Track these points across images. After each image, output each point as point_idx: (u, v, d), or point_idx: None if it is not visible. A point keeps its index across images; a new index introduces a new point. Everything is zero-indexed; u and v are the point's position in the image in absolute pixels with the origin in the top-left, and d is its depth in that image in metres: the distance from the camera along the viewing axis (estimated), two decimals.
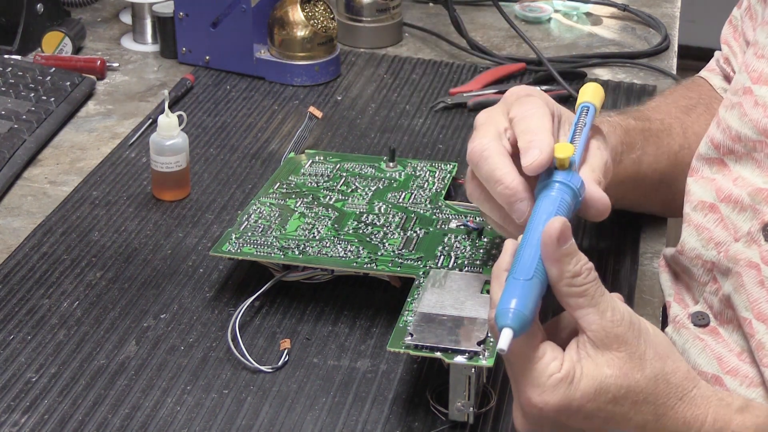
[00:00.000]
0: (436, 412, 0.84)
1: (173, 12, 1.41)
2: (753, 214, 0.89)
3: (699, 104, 1.07)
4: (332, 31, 1.38)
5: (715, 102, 1.07)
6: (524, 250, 0.74)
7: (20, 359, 0.90)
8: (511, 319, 0.70)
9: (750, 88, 0.91)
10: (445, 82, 1.39)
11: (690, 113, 1.06)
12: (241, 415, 0.84)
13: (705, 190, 0.95)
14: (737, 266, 0.88)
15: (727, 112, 0.94)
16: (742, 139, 0.91)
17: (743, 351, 0.87)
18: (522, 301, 0.70)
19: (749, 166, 0.91)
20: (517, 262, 0.73)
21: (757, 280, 0.86)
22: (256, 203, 1.02)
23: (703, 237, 0.93)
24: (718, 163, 0.94)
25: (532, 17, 1.58)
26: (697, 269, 0.94)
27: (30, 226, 1.08)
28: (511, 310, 0.70)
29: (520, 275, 0.72)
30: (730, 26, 1.08)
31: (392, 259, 0.94)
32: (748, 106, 0.91)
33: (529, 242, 0.74)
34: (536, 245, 0.73)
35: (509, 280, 0.72)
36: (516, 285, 0.71)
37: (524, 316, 0.70)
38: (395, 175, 1.08)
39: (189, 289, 0.98)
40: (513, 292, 0.71)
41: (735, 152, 0.92)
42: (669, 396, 0.73)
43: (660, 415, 0.72)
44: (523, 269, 0.72)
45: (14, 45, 1.42)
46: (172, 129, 1.10)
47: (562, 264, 0.71)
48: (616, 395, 0.71)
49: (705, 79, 1.11)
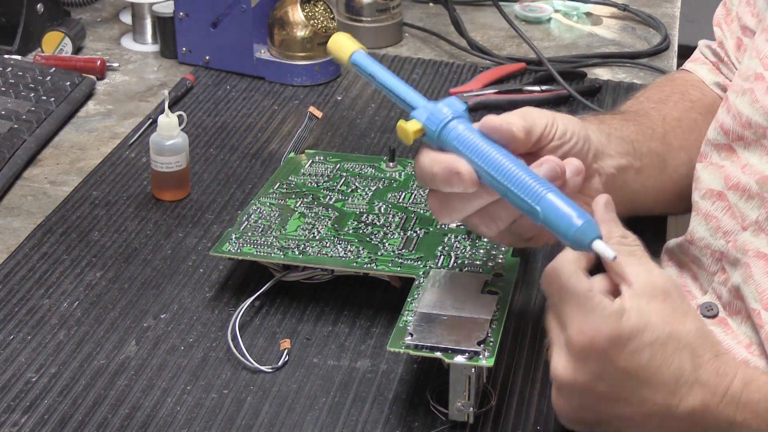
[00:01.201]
0: (436, 412, 0.84)
1: (173, 12, 1.41)
2: (761, 202, 0.89)
3: (673, 94, 1.07)
4: (332, 31, 1.38)
5: (692, 89, 1.07)
6: (525, 176, 0.76)
7: (20, 359, 0.90)
8: (597, 230, 0.74)
9: (762, 74, 0.91)
10: (445, 82, 1.39)
11: (666, 102, 1.05)
12: (241, 415, 0.84)
13: (714, 177, 0.94)
14: (746, 257, 0.88)
15: (737, 98, 0.93)
16: (752, 125, 0.91)
17: (752, 343, 0.87)
18: (582, 211, 0.74)
19: (758, 152, 0.91)
20: (538, 181, 0.76)
21: (765, 270, 0.86)
22: (256, 203, 1.02)
23: (711, 226, 0.93)
24: (726, 149, 0.94)
25: (532, 17, 1.58)
26: (706, 258, 0.94)
27: (30, 226, 1.08)
28: (593, 222, 0.73)
29: (553, 190, 0.76)
30: (724, 8, 1.08)
31: (392, 259, 0.94)
32: (760, 93, 0.90)
33: (519, 168, 0.77)
34: (524, 167, 0.77)
35: (557, 195, 0.75)
36: (564, 198, 0.75)
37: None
38: (395, 175, 1.08)
39: (189, 289, 0.98)
40: (571, 204, 0.74)
41: (744, 138, 0.92)
42: (706, 350, 0.75)
43: (697, 366, 0.75)
44: (548, 186, 0.76)
45: (14, 45, 1.42)
46: (172, 129, 1.10)
47: (611, 225, 0.78)
48: (660, 337, 0.74)
49: (689, 71, 1.11)
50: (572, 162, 0.84)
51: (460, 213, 0.82)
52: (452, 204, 0.82)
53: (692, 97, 1.06)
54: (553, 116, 0.86)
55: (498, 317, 0.84)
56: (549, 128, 0.85)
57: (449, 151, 0.80)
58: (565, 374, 0.76)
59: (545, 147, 0.85)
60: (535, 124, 0.84)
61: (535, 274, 1.00)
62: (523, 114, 0.84)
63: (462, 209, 0.82)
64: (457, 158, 0.80)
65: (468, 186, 0.79)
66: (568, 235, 0.74)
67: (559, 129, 0.86)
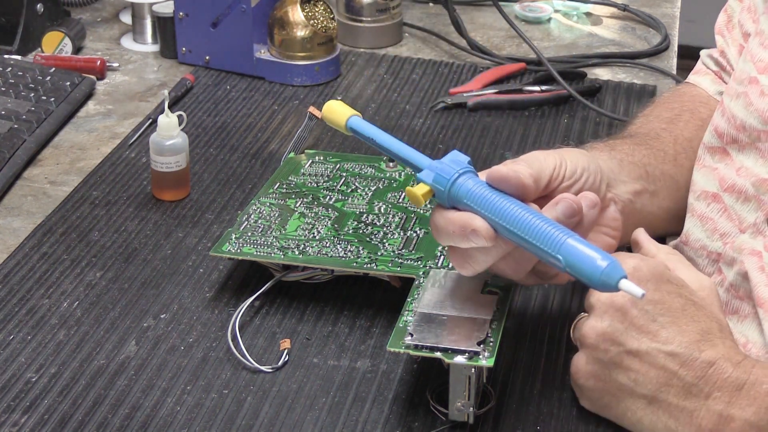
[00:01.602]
0: (436, 412, 0.84)
1: (173, 12, 1.41)
2: (757, 205, 0.90)
3: (683, 112, 1.06)
4: (332, 31, 1.38)
5: (701, 106, 1.07)
6: (541, 224, 0.77)
7: (20, 359, 0.90)
8: (622, 270, 0.75)
9: (756, 77, 0.91)
10: (445, 82, 1.39)
11: (676, 122, 1.05)
12: (241, 415, 0.84)
13: (707, 179, 0.95)
14: (741, 255, 0.88)
15: (732, 101, 0.94)
16: (746, 128, 0.91)
17: (748, 342, 0.87)
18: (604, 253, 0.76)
19: (752, 155, 0.91)
20: (555, 228, 0.77)
21: (758, 266, 0.86)
22: (256, 203, 1.02)
23: (707, 228, 0.94)
24: (720, 152, 0.94)
25: (532, 17, 1.58)
26: (701, 260, 0.94)
27: (30, 226, 1.08)
28: (617, 262, 0.74)
29: (571, 235, 0.77)
30: (725, 15, 1.08)
31: (392, 259, 0.94)
32: (754, 96, 0.91)
33: (534, 217, 0.78)
34: (538, 215, 0.78)
35: (576, 240, 0.76)
36: (584, 241, 0.76)
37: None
38: (395, 175, 1.08)
39: (189, 289, 0.98)
40: (592, 247, 0.76)
41: (738, 141, 0.92)
42: (729, 332, 0.82)
43: (724, 335, 0.80)
44: (565, 230, 0.77)
45: (14, 45, 1.42)
46: (172, 129, 1.10)
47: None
48: (694, 299, 0.81)
49: (694, 84, 1.10)
50: (587, 196, 0.84)
51: (482, 264, 0.83)
52: (474, 258, 0.83)
53: (702, 116, 1.05)
54: (560, 157, 0.86)
55: (498, 317, 0.84)
56: (558, 170, 0.85)
57: (462, 208, 0.80)
58: (604, 295, 0.80)
59: (557, 189, 0.85)
60: (542, 169, 0.84)
61: None
62: (529, 161, 0.84)
63: (484, 261, 0.83)
64: (471, 215, 0.80)
65: (487, 240, 0.80)
66: (594, 279, 0.74)
67: (569, 169, 0.86)
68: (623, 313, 0.79)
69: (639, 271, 0.80)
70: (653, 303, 0.79)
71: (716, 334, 0.79)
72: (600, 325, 0.80)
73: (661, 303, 0.79)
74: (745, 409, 0.76)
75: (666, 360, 0.78)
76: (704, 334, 0.79)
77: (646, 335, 0.79)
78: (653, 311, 0.79)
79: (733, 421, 0.76)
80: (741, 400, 0.76)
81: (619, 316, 0.80)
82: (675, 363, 0.78)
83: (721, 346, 0.78)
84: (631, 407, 0.80)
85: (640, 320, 0.79)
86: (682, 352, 0.78)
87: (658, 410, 0.79)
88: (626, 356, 0.79)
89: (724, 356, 0.78)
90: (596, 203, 0.84)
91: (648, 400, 0.79)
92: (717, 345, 0.78)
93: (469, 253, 0.82)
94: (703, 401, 0.77)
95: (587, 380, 0.82)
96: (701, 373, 0.77)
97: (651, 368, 0.79)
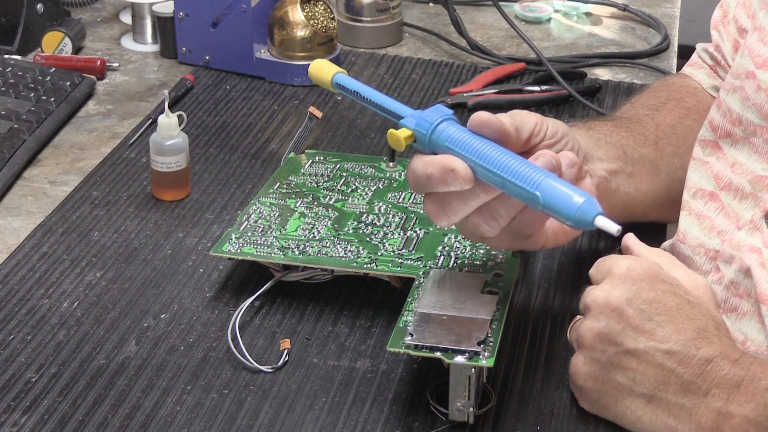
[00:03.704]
0: (436, 412, 0.84)
1: (173, 12, 1.41)
2: (754, 202, 0.90)
3: (669, 100, 1.07)
4: (332, 31, 1.38)
5: (688, 96, 1.07)
6: (520, 164, 0.78)
7: (20, 359, 0.90)
8: (598, 207, 0.75)
9: (753, 72, 0.92)
10: (445, 82, 1.39)
11: (660, 110, 1.06)
12: (241, 415, 0.84)
13: (700, 174, 0.95)
14: (740, 252, 0.88)
15: (728, 95, 0.94)
16: (743, 122, 0.92)
17: (746, 339, 0.87)
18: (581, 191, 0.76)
19: (746, 150, 0.91)
20: (533, 168, 0.77)
21: (758, 262, 0.87)
22: (256, 203, 1.03)
23: (705, 226, 0.94)
24: (711, 146, 0.95)
25: (532, 17, 1.58)
26: (699, 258, 0.94)
27: (30, 226, 1.08)
28: (593, 200, 0.75)
29: (549, 175, 0.77)
30: (721, 11, 1.08)
31: (392, 259, 0.94)
32: (751, 90, 0.91)
33: (513, 158, 0.79)
34: (517, 157, 0.79)
35: (554, 179, 0.76)
36: (562, 181, 0.76)
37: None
38: (395, 175, 1.08)
39: (189, 289, 0.98)
40: (569, 185, 0.76)
41: (732, 136, 0.93)
42: (725, 330, 0.81)
43: (720, 333, 0.80)
44: (544, 171, 0.77)
45: (14, 45, 1.42)
46: (172, 129, 1.10)
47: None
48: (689, 298, 0.81)
49: (687, 75, 1.11)
50: (566, 155, 0.86)
51: (458, 213, 0.83)
52: (450, 205, 0.82)
53: (688, 105, 1.06)
54: (541, 117, 0.88)
55: (498, 317, 0.84)
56: (539, 127, 0.87)
57: (442, 153, 0.81)
58: (600, 296, 0.80)
59: (538, 145, 0.86)
60: (523, 122, 0.86)
61: (535, 274, 1.00)
62: (511, 114, 0.86)
63: (460, 209, 0.82)
64: (451, 157, 0.81)
65: (465, 182, 0.80)
66: (571, 215, 0.75)
67: (550, 129, 0.88)
68: (619, 313, 0.80)
69: (633, 271, 0.81)
70: (649, 302, 0.80)
71: (713, 332, 0.79)
72: (596, 325, 0.80)
73: (656, 302, 0.80)
74: (744, 406, 0.76)
75: (663, 358, 0.78)
76: (701, 332, 0.79)
77: (642, 334, 0.79)
78: (649, 310, 0.79)
79: (732, 418, 0.76)
80: (739, 397, 0.76)
81: (615, 317, 0.80)
82: (672, 361, 0.78)
83: (718, 343, 0.79)
84: (630, 407, 0.80)
85: (637, 320, 0.79)
86: (679, 349, 0.78)
87: (657, 409, 0.79)
88: (624, 356, 0.80)
89: (721, 353, 0.78)
90: (575, 162, 0.86)
91: (647, 399, 0.79)
92: (714, 342, 0.78)
93: (447, 200, 0.82)
94: (701, 398, 0.77)
95: (586, 381, 0.82)
96: (699, 370, 0.77)
97: (649, 367, 0.79)
